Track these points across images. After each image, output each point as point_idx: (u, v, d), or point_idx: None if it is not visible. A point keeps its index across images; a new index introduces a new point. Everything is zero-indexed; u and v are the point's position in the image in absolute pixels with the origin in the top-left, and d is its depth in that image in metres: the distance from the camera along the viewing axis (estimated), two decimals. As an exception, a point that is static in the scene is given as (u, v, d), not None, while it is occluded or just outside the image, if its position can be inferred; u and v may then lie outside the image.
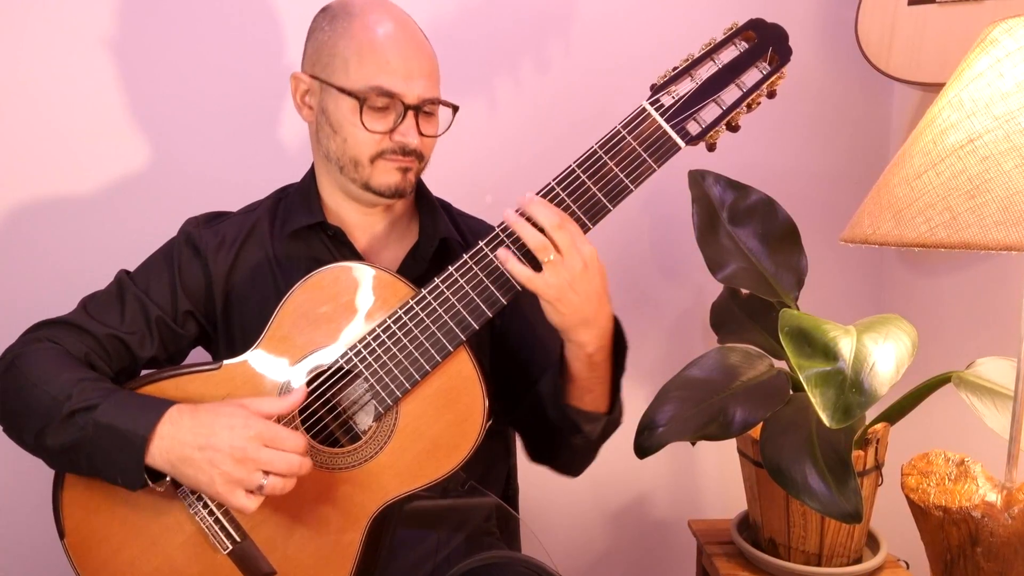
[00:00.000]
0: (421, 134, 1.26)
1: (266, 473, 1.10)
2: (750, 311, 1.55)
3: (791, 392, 1.35)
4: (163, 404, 1.14)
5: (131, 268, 1.34)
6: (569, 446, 1.26)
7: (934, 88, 1.47)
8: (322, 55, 1.26)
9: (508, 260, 1.12)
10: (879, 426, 1.43)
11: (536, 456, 1.36)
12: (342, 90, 1.23)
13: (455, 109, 1.30)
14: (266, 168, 1.75)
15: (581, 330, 1.14)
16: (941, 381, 1.35)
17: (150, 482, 1.14)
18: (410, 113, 1.23)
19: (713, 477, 2.04)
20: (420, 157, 1.28)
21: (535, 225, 1.11)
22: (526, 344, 1.35)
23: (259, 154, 1.77)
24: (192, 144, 1.75)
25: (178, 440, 1.11)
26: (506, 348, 1.36)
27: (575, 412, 1.21)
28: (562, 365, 1.21)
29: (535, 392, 1.28)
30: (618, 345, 1.21)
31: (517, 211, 1.12)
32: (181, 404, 1.14)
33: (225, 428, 1.10)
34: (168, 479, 1.14)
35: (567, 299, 1.11)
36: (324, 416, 1.20)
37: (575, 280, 1.10)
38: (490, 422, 1.16)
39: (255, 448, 1.09)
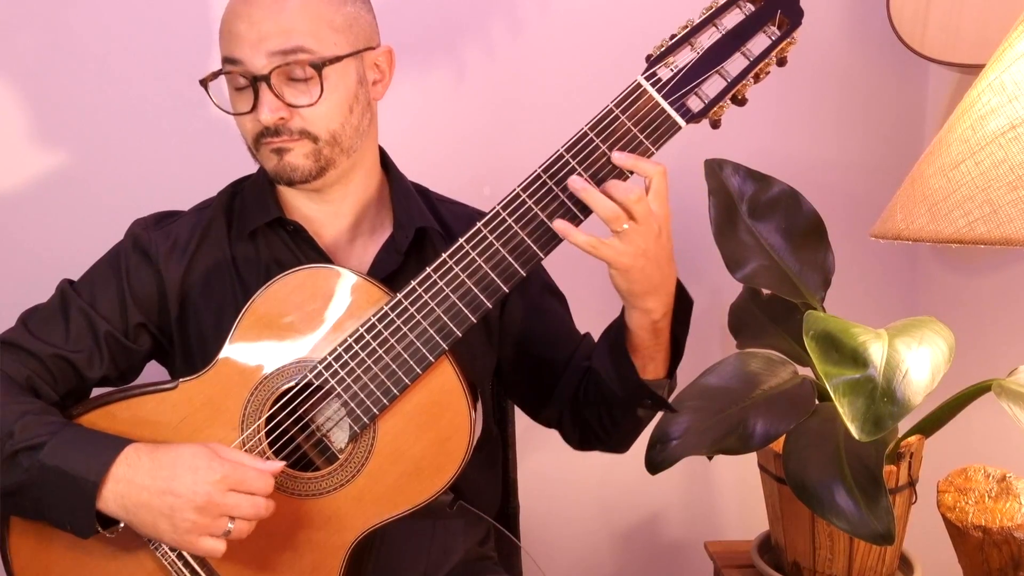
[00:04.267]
0: (290, 105, 1.19)
1: (232, 518, 1.09)
2: (772, 313, 1.55)
3: (817, 402, 1.35)
4: (119, 443, 1.12)
5: (75, 277, 1.30)
6: (632, 418, 1.27)
7: (973, 70, 1.46)
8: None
9: (570, 231, 1.09)
10: (913, 439, 1.42)
11: (584, 442, 1.36)
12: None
13: (318, 69, 1.18)
14: (219, 160, 1.71)
15: (650, 297, 1.15)
16: (981, 390, 1.35)
17: (101, 529, 1.12)
18: (261, 85, 1.17)
19: (732, 494, 2.03)
20: (307, 135, 1.20)
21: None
22: (548, 339, 1.36)
23: (210, 144, 1.72)
24: (133, 135, 1.72)
25: (135, 484, 1.09)
26: (528, 347, 1.36)
27: (643, 384, 1.21)
28: (620, 336, 1.20)
29: (589, 371, 1.29)
30: (681, 305, 1.21)
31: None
32: (139, 443, 1.12)
33: (188, 470, 1.08)
34: (121, 526, 1.13)
35: (639, 266, 1.10)
36: (296, 436, 1.18)
37: (649, 247, 1.10)
38: (479, 437, 1.14)
39: (220, 493, 1.08)
